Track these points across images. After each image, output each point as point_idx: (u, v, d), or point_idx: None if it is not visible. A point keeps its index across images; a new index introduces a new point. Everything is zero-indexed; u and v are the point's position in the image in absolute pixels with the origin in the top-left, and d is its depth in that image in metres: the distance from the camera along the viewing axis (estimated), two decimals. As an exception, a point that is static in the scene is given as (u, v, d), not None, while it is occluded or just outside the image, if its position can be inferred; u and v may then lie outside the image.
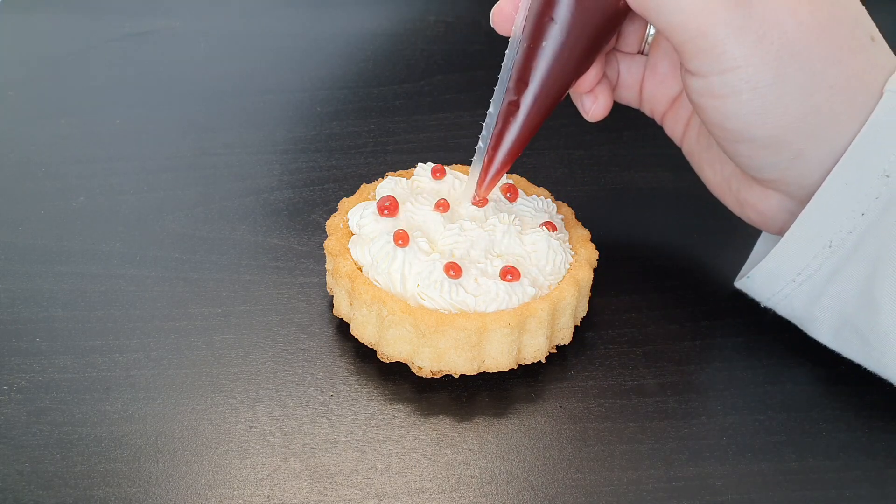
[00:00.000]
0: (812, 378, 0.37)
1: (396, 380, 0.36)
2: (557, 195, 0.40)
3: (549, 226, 0.37)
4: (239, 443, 0.33)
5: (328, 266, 0.37)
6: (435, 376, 0.35)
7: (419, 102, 0.51)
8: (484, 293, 0.34)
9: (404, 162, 0.46)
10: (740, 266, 0.39)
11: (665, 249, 0.42)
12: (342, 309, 0.36)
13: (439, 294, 0.33)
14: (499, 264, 0.35)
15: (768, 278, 0.36)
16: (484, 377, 0.36)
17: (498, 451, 0.33)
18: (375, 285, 0.34)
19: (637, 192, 0.46)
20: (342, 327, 0.37)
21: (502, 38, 0.40)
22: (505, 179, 0.39)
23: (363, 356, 0.36)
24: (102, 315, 0.38)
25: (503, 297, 0.34)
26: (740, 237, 0.42)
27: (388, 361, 0.35)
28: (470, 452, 0.33)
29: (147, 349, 0.36)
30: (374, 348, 0.35)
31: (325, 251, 0.37)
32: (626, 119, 0.50)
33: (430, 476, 0.32)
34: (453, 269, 0.34)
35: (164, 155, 0.47)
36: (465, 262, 0.35)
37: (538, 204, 0.38)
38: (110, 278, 0.39)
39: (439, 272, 0.34)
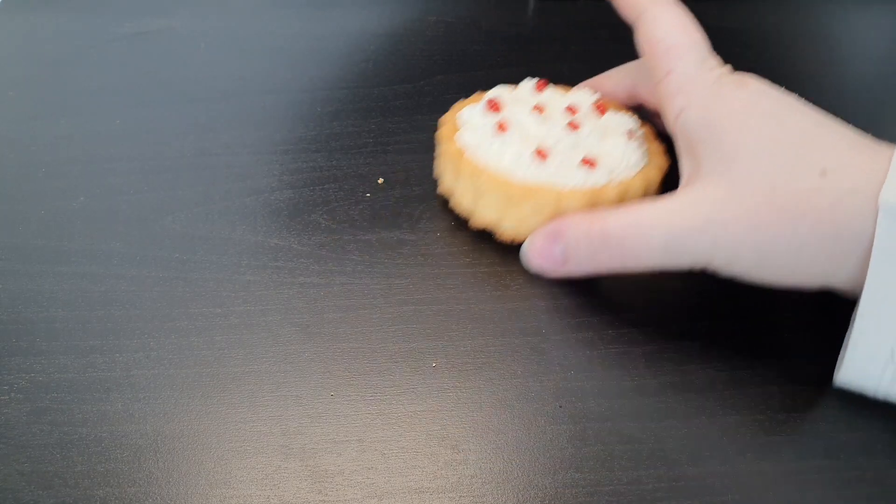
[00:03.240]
0: (812, 378, 0.37)
1: (396, 379, 0.36)
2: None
3: (630, 135, 0.42)
4: (239, 442, 0.33)
5: (437, 151, 0.43)
6: (514, 242, 0.40)
7: (419, 102, 0.51)
8: (564, 175, 0.39)
9: (404, 161, 0.46)
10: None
11: (665, 249, 0.42)
12: (446, 185, 0.42)
13: (526, 172, 0.39)
14: (581, 155, 0.40)
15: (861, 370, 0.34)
16: (483, 375, 0.36)
17: (498, 451, 0.33)
18: (475, 163, 0.40)
19: (637, 193, 0.46)
20: (342, 326, 0.37)
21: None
22: (597, 96, 0.45)
23: (363, 355, 0.36)
24: (103, 315, 0.38)
25: (580, 179, 0.39)
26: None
27: (477, 228, 0.41)
28: (470, 452, 0.33)
29: (147, 349, 0.36)
30: (468, 217, 0.41)
31: (435, 139, 0.43)
32: (625, 119, 0.50)
33: (430, 476, 0.32)
34: (540, 154, 0.39)
35: (165, 155, 0.47)
36: (552, 151, 0.40)
37: (623, 119, 0.43)
38: (110, 278, 0.39)
39: (529, 155, 0.39)
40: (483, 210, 0.40)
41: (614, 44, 0.57)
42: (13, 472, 0.32)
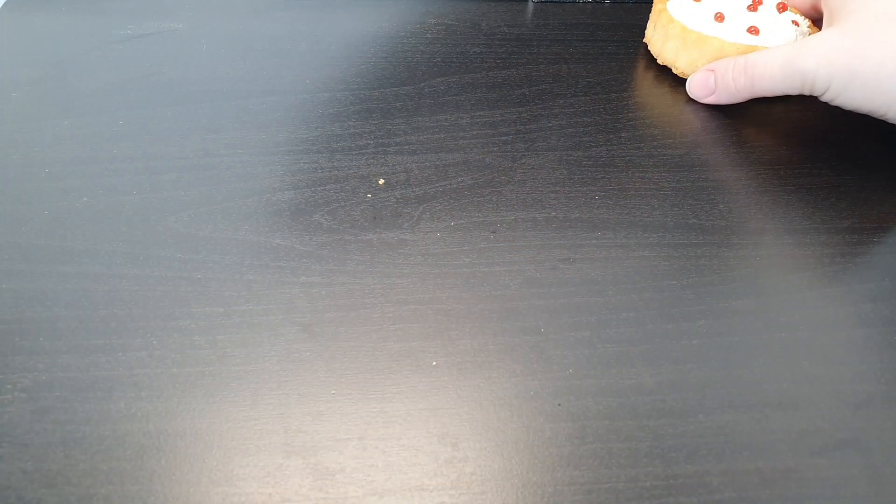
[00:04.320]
0: (808, 377, 0.37)
1: (397, 378, 0.36)
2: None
3: (795, 24, 0.52)
4: (241, 441, 0.33)
5: (650, 15, 0.57)
6: (683, 76, 0.54)
7: (419, 104, 0.52)
8: (731, 34, 0.51)
9: (405, 163, 0.46)
10: (734, 265, 0.39)
11: (662, 249, 0.43)
12: (648, 34, 0.57)
13: (703, 27, 0.52)
14: (749, 24, 0.51)
15: None
16: (483, 373, 0.36)
17: (497, 449, 0.34)
18: (670, 16, 0.54)
19: (634, 193, 0.46)
20: (343, 325, 0.38)
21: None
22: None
23: (364, 354, 0.37)
24: (106, 314, 0.38)
25: (741, 38, 0.51)
26: (737, 236, 0.43)
27: (662, 63, 0.55)
28: (470, 450, 0.34)
29: (150, 348, 0.37)
30: (657, 56, 0.55)
31: (653, 2, 0.58)
32: (623, 120, 0.51)
33: (430, 473, 0.33)
34: (718, 17, 0.52)
35: (167, 156, 0.47)
36: (728, 17, 0.52)
37: (795, 15, 0.53)
38: (113, 278, 0.40)
39: (710, 16, 0.53)
40: (667, 51, 0.55)
41: (614, 45, 0.58)
42: (16, 471, 0.32)
